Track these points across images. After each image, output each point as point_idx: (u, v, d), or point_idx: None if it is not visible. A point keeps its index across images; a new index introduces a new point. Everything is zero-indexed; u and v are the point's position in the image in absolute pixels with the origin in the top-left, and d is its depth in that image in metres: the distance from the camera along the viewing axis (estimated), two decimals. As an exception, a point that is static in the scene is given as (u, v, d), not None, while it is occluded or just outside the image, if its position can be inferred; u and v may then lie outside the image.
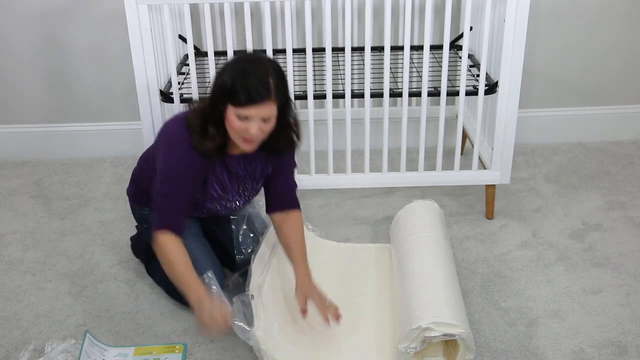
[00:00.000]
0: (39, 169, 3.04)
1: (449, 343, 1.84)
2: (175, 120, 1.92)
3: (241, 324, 1.78)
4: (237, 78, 1.69)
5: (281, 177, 2.04)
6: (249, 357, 1.90)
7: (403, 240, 2.14)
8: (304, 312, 1.88)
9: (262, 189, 2.10)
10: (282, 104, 1.77)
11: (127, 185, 2.84)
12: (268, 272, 1.96)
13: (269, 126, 1.78)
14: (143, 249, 2.23)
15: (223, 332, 1.75)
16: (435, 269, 1.95)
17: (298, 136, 1.93)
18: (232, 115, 1.73)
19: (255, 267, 1.97)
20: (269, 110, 1.73)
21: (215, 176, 1.95)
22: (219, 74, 1.76)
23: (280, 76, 1.75)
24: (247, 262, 2.09)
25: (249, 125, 1.73)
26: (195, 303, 1.76)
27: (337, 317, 1.88)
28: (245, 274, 2.03)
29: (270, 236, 2.15)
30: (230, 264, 2.20)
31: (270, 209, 2.07)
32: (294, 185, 2.08)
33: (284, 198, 2.05)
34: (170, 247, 1.81)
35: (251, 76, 1.69)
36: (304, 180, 2.51)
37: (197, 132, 1.81)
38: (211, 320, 1.72)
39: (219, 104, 1.75)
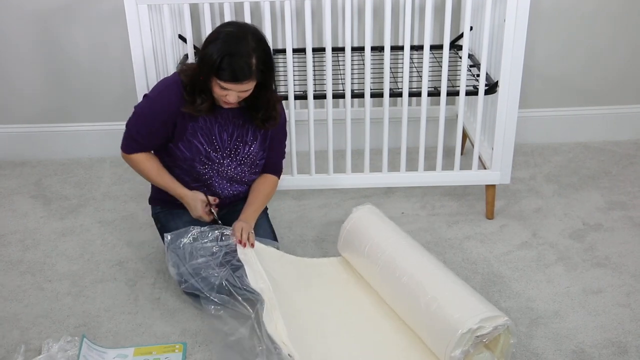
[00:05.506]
0: (39, 169, 3.03)
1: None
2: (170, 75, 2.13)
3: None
4: (223, 56, 1.88)
5: (271, 149, 2.22)
6: (249, 357, 1.89)
7: (376, 251, 2.06)
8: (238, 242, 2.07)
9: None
10: (262, 78, 1.97)
11: (126, 185, 2.87)
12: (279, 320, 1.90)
13: (247, 94, 1.99)
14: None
15: (210, 217, 2.16)
16: (433, 270, 1.94)
17: (277, 115, 2.13)
18: (215, 84, 1.95)
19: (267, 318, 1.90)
20: (248, 86, 1.95)
21: (199, 125, 2.07)
22: (208, 42, 1.94)
23: (263, 52, 1.94)
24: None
25: (229, 94, 1.95)
26: (182, 200, 2.14)
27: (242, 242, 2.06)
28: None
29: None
30: None
31: None
32: (281, 155, 2.27)
33: (267, 167, 2.25)
34: (141, 160, 2.11)
35: (236, 57, 1.89)
36: (304, 180, 2.51)
37: (187, 92, 2.01)
38: (195, 212, 2.13)
39: (205, 73, 1.94)
